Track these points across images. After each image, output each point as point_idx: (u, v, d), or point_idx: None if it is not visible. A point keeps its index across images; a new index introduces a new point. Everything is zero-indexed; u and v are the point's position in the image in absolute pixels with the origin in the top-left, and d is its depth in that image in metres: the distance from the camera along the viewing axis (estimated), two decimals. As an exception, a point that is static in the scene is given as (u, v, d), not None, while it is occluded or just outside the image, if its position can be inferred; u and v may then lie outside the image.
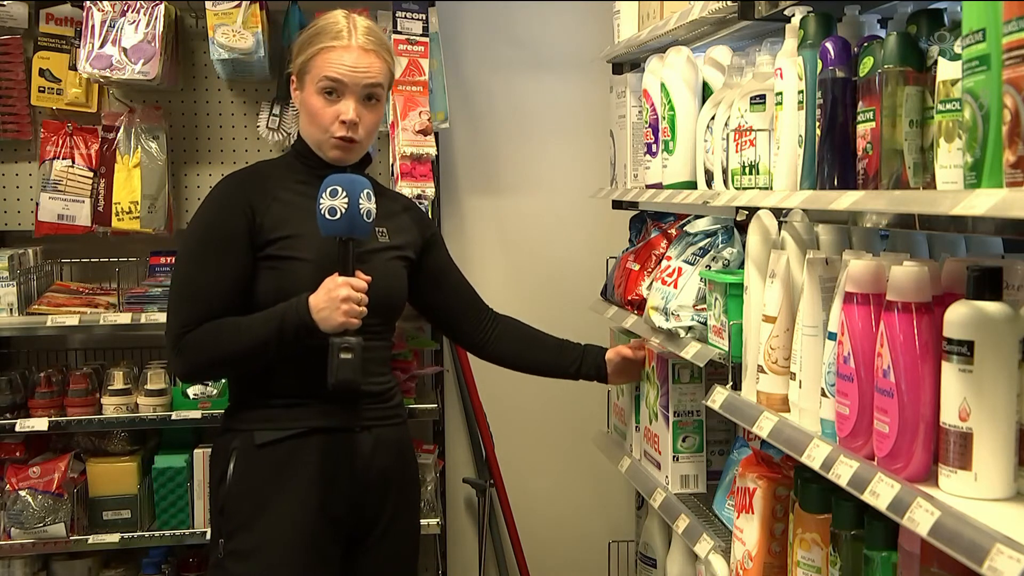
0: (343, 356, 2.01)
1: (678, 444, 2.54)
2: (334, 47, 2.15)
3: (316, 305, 2.04)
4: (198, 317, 2.10)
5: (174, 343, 2.11)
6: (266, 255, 2.12)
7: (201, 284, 2.11)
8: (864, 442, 1.57)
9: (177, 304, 2.14)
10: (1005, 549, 1.17)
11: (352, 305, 2.03)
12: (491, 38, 3.73)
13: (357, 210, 2.03)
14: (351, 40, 2.16)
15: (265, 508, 2.10)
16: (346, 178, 2.06)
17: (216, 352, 2.10)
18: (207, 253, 2.13)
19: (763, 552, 1.99)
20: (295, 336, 2.05)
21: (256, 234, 2.12)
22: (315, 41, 2.17)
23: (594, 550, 3.69)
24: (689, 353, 2.27)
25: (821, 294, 1.75)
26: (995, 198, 1.17)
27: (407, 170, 3.17)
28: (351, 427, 2.16)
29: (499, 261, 3.77)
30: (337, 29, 2.17)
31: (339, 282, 2.04)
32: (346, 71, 2.14)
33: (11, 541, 3.07)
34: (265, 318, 2.08)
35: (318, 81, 2.15)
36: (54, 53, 3.31)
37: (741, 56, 2.25)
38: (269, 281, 2.12)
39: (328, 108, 2.15)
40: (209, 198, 2.21)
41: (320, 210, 2.03)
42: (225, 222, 2.13)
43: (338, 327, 2.03)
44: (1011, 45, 1.16)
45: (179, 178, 3.47)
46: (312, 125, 2.18)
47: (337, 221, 2.02)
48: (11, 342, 3.46)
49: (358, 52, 2.15)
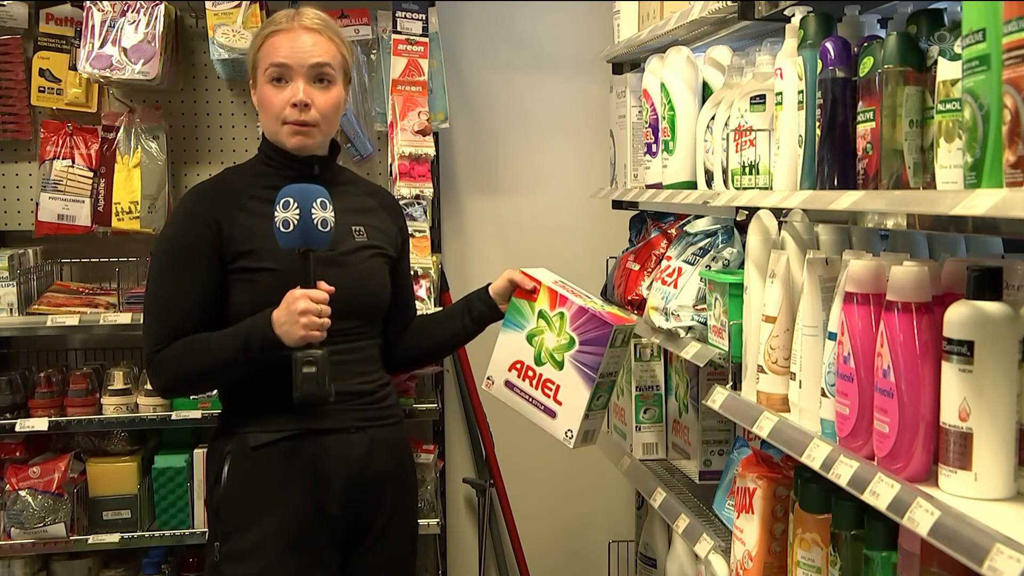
0: (306, 371, 1.99)
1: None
2: (276, 32, 2.15)
3: (277, 319, 2.02)
4: (169, 334, 2.09)
5: (148, 361, 2.12)
6: (238, 267, 2.10)
7: (169, 300, 2.11)
8: (864, 442, 1.57)
9: (149, 321, 2.13)
10: (1005, 549, 1.17)
11: (311, 318, 2.00)
12: (491, 38, 3.73)
13: (310, 221, 1.99)
14: (293, 23, 2.16)
15: (260, 510, 2.10)
16: (299, 188, 2.02)
17: (187, 369, 2.09)
18: (173, 269, 2.12)
19: (763, 552, 1.99)
20: (260, 351, 2.04)
21: (224, 247, 2.10)
22: (259, 34, 2.19)
23: (594, 550, 3.70)
24: (689, 353, 2.27)
25: (821, 294, 1.75)
26: (995, 198, 1.17)
27: (406, 170, 3.17)
28: (345, 428, 2.15)
29: (499, 261, 3.77)
30: (279, 19, 2.18)
31: (297, 295, 2.00)
32: (289, 52, 2.13)
33: (11, 541, 3.07)
34: (233, 334, 2.06)
35: (265, 70, 2.14)
36: (54, 53, 3.31)
37: (741, 56, 2.25)
38: (243, 293, 2.10)
39: (278, 94, 2.13)
40: (174, 213, 2.20)
41: (275, 223, 2.00)
42: (189, 237, 2.11)
43: (299, 341, 2.00)
44: (1011, 45, 1.16)
45: (179, 178, 3.47)
46: (266, 116, 2.17)
47: (290, 233, 1.99)
48: (11, 342, 3.46)
49: (300, 32, 2.15)
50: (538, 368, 2.30)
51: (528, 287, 2.30)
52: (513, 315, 2.32)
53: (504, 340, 2.33)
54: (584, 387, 2.22)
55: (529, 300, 2.30)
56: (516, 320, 2.32)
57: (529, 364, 2.30)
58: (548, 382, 2.29)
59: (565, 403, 2.26)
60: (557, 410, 2.27)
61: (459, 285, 3.69)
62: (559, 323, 2.27)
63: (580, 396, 2.23)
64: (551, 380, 2.29)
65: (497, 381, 2.34)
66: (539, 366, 2.30)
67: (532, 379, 2.31)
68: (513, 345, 2.32)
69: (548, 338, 2.27)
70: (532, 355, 2.30)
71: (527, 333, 2.30)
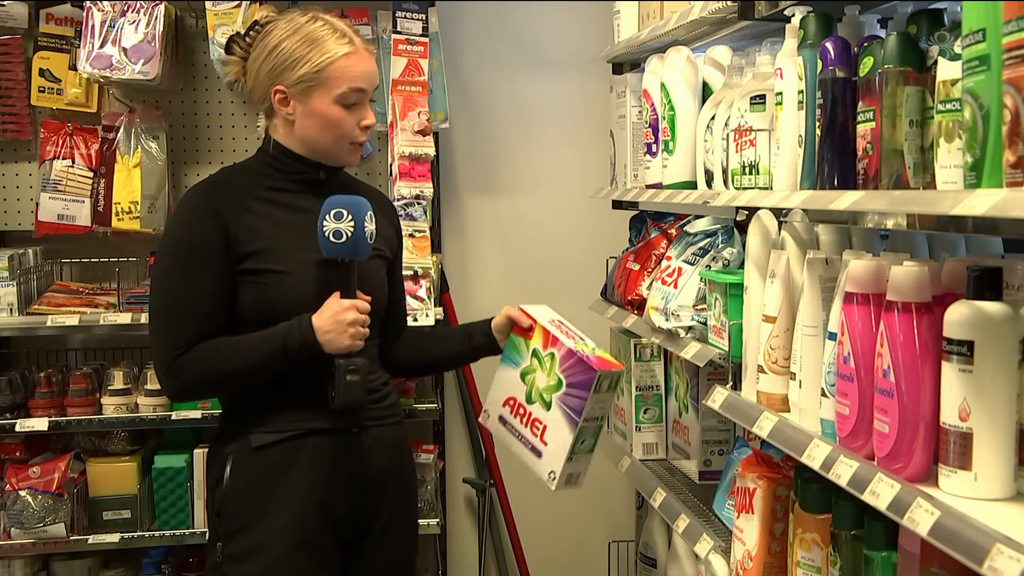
0: (349, 378, 2.03)
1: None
2: (350, 54, 2.09)
3: (321, 327, 2.03)
4: (189, 338, 2.06)
5: (168, 365, 2.07)
6: (244, 269, 2.08)
7: (186, 304, 2.07)
8: (864, 442, 1.57)
9: (164, 326, 2.09)
10: (1005, 549, 1.17)
11: (358, 328, 2.04)
12: (491, 38, 3.73)
13: (363, 234, 2.03)
14: (356, 43, 2.12)
15: (262, 511, 2.10)
16: (350, 200, 2.04)
17: (214, 373, 2.07)
18: (187, 271, 2.07)
19: (763, 552, 1.99)
20: (298, 356, 2.04)
21: (232, 247, 2.08)
22: (319, 49, 2.09)
23: (594, 550, 3.70)
24: (689, 353, 2.27)
25: (821, 294, 1.75)
26: (995, 198, 1.17)
27: (405, 170, 3.17)
28: (347, 428, 2.15)
29: (499, 261, 3.77)
30: (338, 35, 2.10)
31: (346, 305, 2.04)
32: (365, 78, 2.11)
33: (11, 541, 3.08)
34: (265, 339, 2.05)
35: (339, 91, 2.08)
36: (54, 53, 3.31)
37: (741, 56, 2.25)
38: (249, 295, 2.09)
39: (349, 116, 2.11)
40: (178, 212, 2.15)
41: (323, 232, 2.01)
42: (199, 234, 2.07)
43: (344, 350, 2.04)
44: (1011, 45, 1.16)
45: (179, 178, 3.47)
46: (327, 134, 2.12)
47: (343, 244, 2.02)
48: (11, 342, 3.46)
49: (366, 55, 2.13)
50: (528, 406, 2.30)
51: (524, 324, 2.29)
52: (510, 351, 2.33)
53: (501, 375, 2.34)
54: (568, 430, 2.22)
55: (525, 337, 2.30)
56: (513, 356, 2.32)
57: (521, 401, 2.31)
58: (536, 421, 2.30)
59: (550, 444, 2.27)
60: (543, 450, 2.27)
61: (459, 285, 3.70)
62: (550, 363, 2.27)
63: (564, 438, 2.23)
64: (539, 419, 2.29)
65: (492, 415, 2.35)
66: (530, 404, 2.30)
67: (523, 417, 2.32)
68: (508, 381, 2.33)
69: (539, 377, 2.28)
70: (524, 393, 2.31)
71: (521, 370, 2.31)
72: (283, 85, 2.10)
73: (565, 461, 2.22)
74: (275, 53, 2.10)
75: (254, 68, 2.13)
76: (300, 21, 2.12)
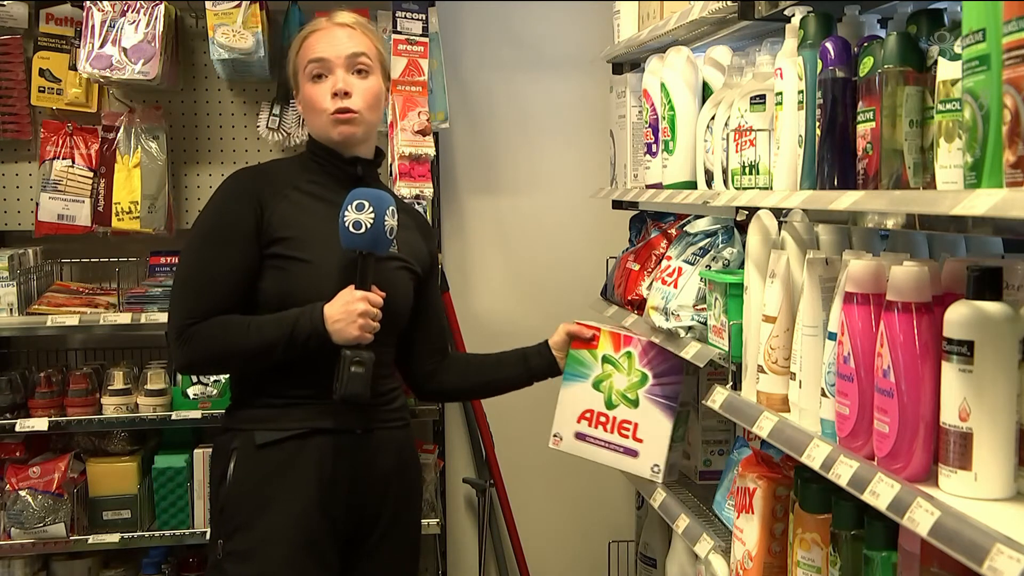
0: (354, 370, 2.03)
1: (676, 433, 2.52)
2: (312, 32, 2.21)
3: (331, 316, 2.04)
4: (205, 309, 2.08)
5: (179, 333, 2.09)
6: (271, 253, 2.11)
7: (209, 276, 2.10)
8: (864, 442, 1.57)
9: (183, 294, 2.12)
10: (1005, 549, 1.17)
11: (368, 320, 2.05)
12: (491, 38, 3.73)
13: (382, 227, 2.04)
14: (329, 22, 2.21)
15: (265, 509, 2.10)
16: (373, 193, 2.06)
17: (221, 348, 2.09)
18: (216, 245, 2.12)
19: (763, 552, 1.99)
20: (305, 343, 2.05)
21: (263, 230, 2.11)
22: (296, 40, 2.24)
23: (594, 550, 3.70)
24: (689, 353, 2.27)
25: (821, 294, 1.75)
26: (995, 198, 1.17)
27: (405, 170, 3.17)
28: (352, 428, 2.16)
29: (499, 261, 3.77)
30: (315, 21, 2.24)
31: (358, 296, 2.05)
32: (325, 46, 2.17)
33: (11, 541, 3.08)
34: (276, 321, 2.07)
35: (305, 68, 2.18)
36: (54, 53, 3.31)
37: (741, 56, 2.25)
38: (271, 279, 2.11)
39: (318, 89, 2.17)
40: (219, 191, 2.20)
41: (344, 222, 2.03)
42: (234, 214, 2.12)
43: (352, 340, 2.04)
44: (1011, 45, 1.16)
45: (179, 178, 3.47)
46: (312, 113, 2.19)
47: (361, 235, 2.03)
48: (11, 342, 3.47)
49: (336, 28, 2.20)
50: (611, 412, 2.32)
51: (587, 335, 2.36)
52: (573, 367, 2.34)
53: (567, 394, 2.35)
54: (665, 418, 2.25)
55: (589, 348, 2.32)
56: (578, 371, 2.33)
57: (600, 410, 2.32)
58: (624, 423, 2.31)
59: (646, 439, 2.29)
60: (639, 448, 2.29)
61: (459, 285, 3.70)
62: (627, 363, 2.30)
63: (663, 428, 2.26)
64: (627, 420, 2.31)
65: (566, 436, 2.35)
66: (611, 409, 2.32)
67: (606, 424, 2.33)
68: (579, 396, 2.34)
69: (618, 380, 2.30)
70: (602, 400, 2.32)
71: (593, 380, 2.32)
72: (290, 79, 2.26)
73: (668, 451, 2.24)
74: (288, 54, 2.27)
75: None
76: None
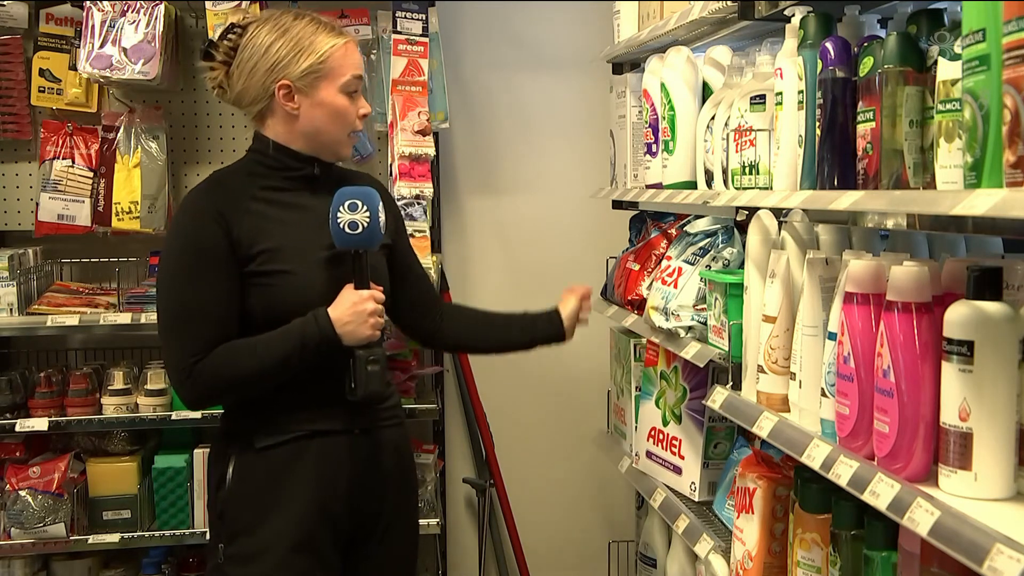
0: (371, 368, 2.04)
1: (710, 450, 2.44)
2: (347, 43, 2.13)
3: (340, 319, 2.03)
4: (205, 342, 2.02)
5: (186, 372, 2.03)
6: (250, 272, 2.06)
7: (200, 308, 2.04)
8: (864, 442, 1.57)
9: (177, 332, 2.05)
10: (1005, 549, 1.17)
11: (377, 318, 2.06)
12: (491, 38, 3.73)
13: (378, 224, 2.04)
14: (349, 35, 2.16)
15: (266, 512, 2.10)
16: (361, 191, 2.05)
17: (234, 376, 2.04)
18: (195, 273, 2.04)
19: (763, 552, 1.99)
20: (317, 351, 2.04)
21: (235, 249, 2.05)
22: (318, 42, 2.09)
23: (594, 550, 3.70)
24: (689, 353, 2.27)
25: (821, 294, 1.75)
26: (995, 198, 1.17)
27: (406, 170, 3.17)
28: (350, 429, 2.15)
29: (499, 261, 3.77)
30: (328, 27, 2.13)
31: (364, 295, 2.04)
32: (358, 64, 2.15)
33: (11, 541, 3.08)
34: (282, 335, 2.03)
35: (343, 79, 2.10)
36: (54, 53, 3.31)
37: (741, 56, 2.25)
38: (257, 297, 2.07)
39: (352, 106, 2.14)
40: (181, 215, 2.12)
41: (338, 224, 2.02)
42: (206, 239, 2.04)
43: (364, 340, 2.04)
44: (1011, 45, 1.17)
45: (179, 178, 3.47)
46: (335, 124, 2.12)
47: (359, 235, 2.02)
48: (11, 342, 3.46)
49: (353, 44, 2.17)
50: (665, 428, 2.28)
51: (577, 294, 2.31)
52: (645, 384, 2.31)
53: (643, 412, 2.32)
54: (698, 434, 2.19)
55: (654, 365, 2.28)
56: (647, 388, 2.31)
57: (659, 427, 2.30)
58: (673, 440, 2.28)
59: (687, 456, 2.24)
60: (681, 465, 2.25)
61: (459, 285, 3.70)
62: (674, 377, 2.26)
63: (696, 444, 2.20)
64: (675, 437, 2.28)
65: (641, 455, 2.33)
66: (665, 426, 2.28)
67: (663, 441, 2.30)
68: (648, 414, 2.33)
69: (669, 396, 2.26)
70: (660, 417, 2.29)
71: (655, 397, 2.29)
72: (287, 79, 2.08)
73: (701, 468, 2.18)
74: (273, 49, 2.08)
75: (246, 68, 2.10)
76: (286, 18, 2.12)
